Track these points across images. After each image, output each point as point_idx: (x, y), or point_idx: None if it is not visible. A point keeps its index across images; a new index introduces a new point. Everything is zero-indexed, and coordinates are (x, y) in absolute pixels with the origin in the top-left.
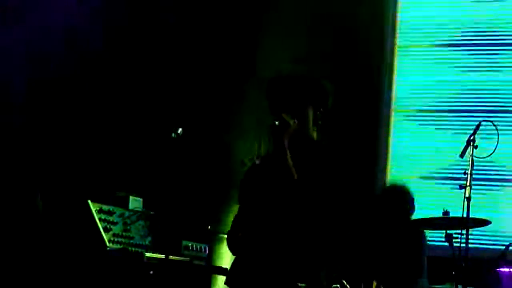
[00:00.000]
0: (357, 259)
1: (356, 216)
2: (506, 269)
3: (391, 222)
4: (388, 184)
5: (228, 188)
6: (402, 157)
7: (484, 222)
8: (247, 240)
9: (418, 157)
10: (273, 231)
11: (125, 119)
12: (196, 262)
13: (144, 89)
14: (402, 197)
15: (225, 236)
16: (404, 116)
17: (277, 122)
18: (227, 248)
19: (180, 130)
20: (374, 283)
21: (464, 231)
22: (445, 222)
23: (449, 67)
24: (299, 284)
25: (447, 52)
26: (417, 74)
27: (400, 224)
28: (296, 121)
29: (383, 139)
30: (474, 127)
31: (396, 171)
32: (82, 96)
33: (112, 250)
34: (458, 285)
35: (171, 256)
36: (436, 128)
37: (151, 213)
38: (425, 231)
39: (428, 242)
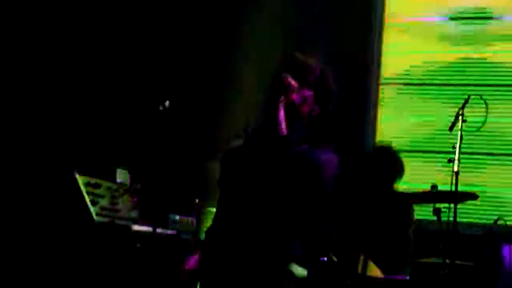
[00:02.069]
0: (344, 231)
1: (343, 187)
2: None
3: (379, 186)
4: (375, 146)
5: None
6: (390, 131)
7: (472, 196)
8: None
9: (406, 131)
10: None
11: (113, 91)
12: (184, 235)
13: (131, 61)
14: (389, 157)
15: (213, 209)
16: (392, 89)
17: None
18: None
19: (167, 102)
20: (361, 256)
21: (452, 205)
22: (433, 196)
23: (439, 40)
24: None
25: (436, 25)
26: (405, 46)
27: (388, 189)
28: (297, 83)
29: (371, 113)
30: (463, 101)
31: None
32: (69, 68)
33: (99, 223)
34: (446, 259)
35: (158, 229)
36: (425, 102)
37: (139, 186)
38: (413, 205)
39: (416, 216)
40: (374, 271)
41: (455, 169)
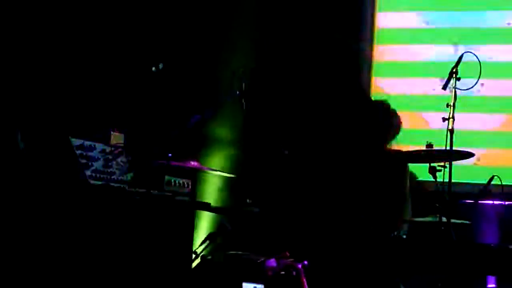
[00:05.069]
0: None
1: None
2: (489, 202)
3: (372, 144)
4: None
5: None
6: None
7: (468, 155)
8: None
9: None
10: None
11: (107, 52)
12: (179, 197)
13: (125, 23)
14: (384, 112)
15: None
16: (386, 49)
17: None
18: None
19: (161, 64)
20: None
21: (447, 164)
22: (428, 154)
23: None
24: None
25: None
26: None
27: (381, 147)
28: None
29: (365, 75)
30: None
31: None
32: (61, 31)
33: (94, 186)
34: (442, 218)
35: (153, 191)
36: (419, 60)
37: (133, 148)
38: (408, 164)
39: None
40: None
41: (450, 127)
